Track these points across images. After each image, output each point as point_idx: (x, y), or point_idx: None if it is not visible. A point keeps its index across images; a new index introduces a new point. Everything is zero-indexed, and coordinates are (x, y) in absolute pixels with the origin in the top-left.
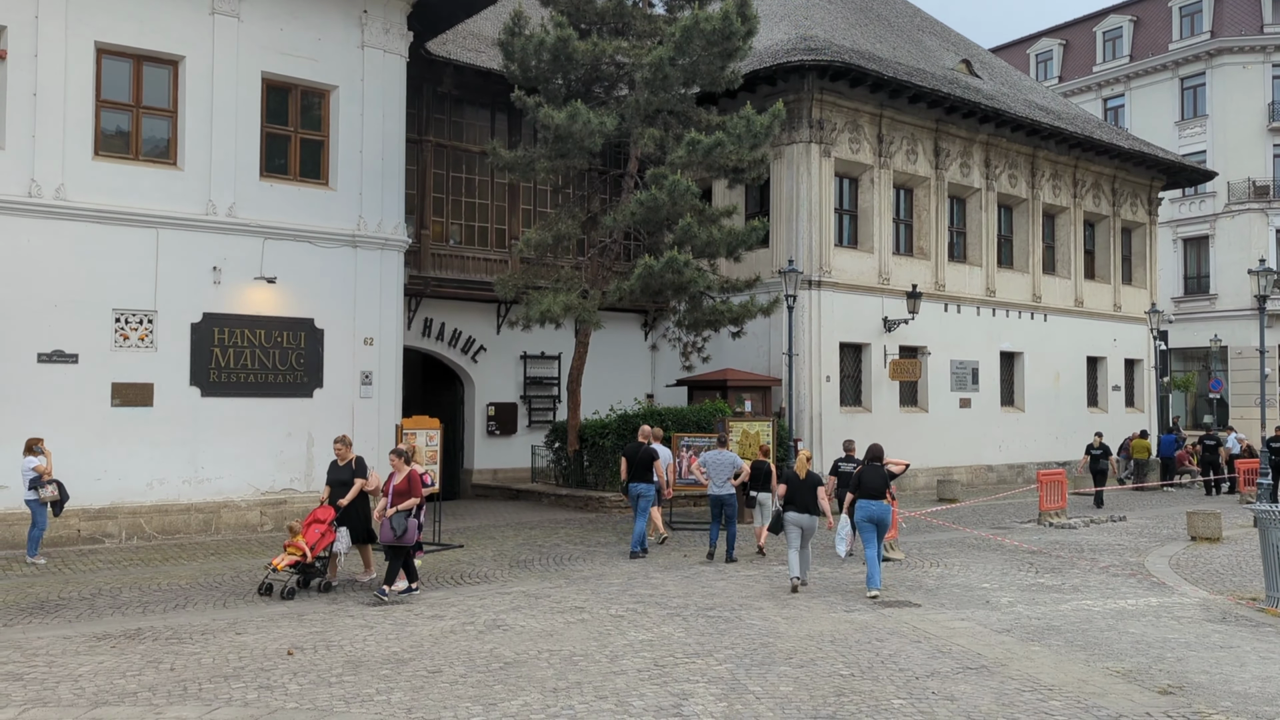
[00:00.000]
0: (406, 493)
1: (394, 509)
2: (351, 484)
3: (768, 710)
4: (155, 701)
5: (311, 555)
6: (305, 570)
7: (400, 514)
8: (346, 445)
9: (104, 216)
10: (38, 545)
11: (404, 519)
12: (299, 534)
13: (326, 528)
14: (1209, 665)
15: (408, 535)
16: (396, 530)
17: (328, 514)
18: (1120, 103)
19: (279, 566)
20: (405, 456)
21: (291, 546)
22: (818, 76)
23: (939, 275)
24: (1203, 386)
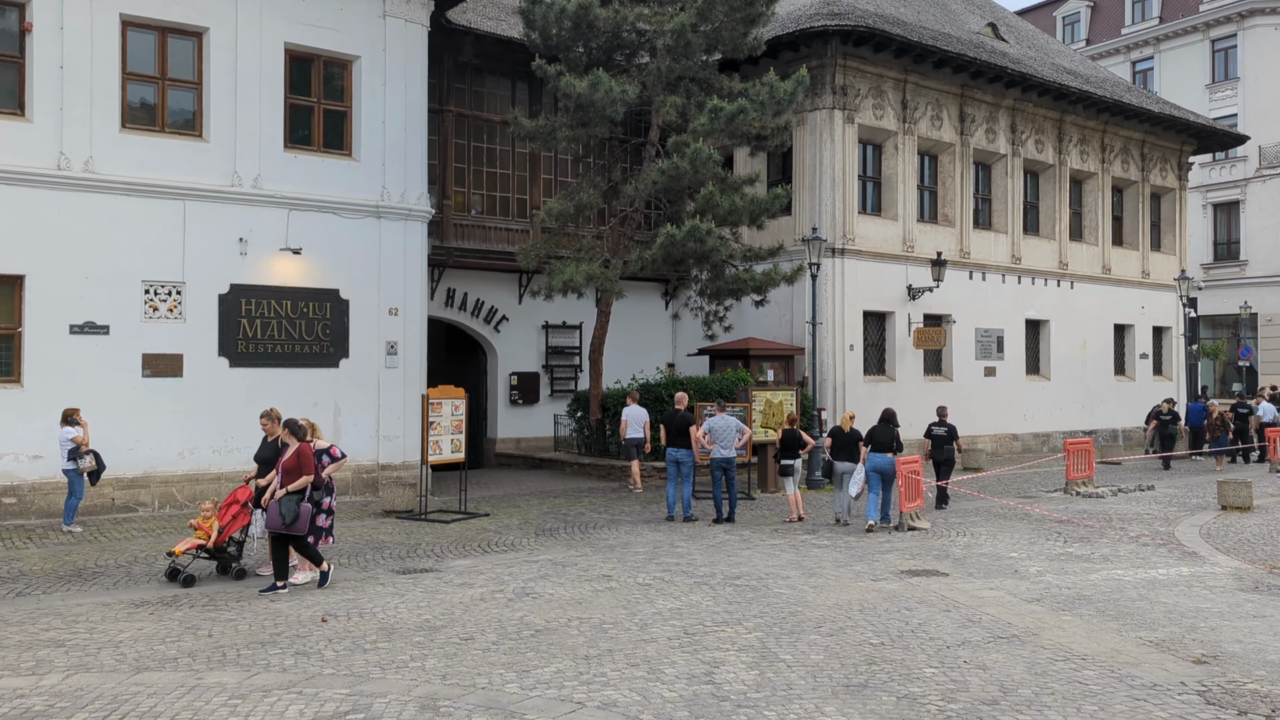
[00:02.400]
0: (296, 471)
1: (283, 490)
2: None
3: (799, 678)
4: (195, 667)
5: (221, 538)
6: (216, 555)
7: (290, 497)
8: (273, 420)
9: (132, 189)
10: (74, 514)
11: (294, 503)
12: (211, 516)
13: (240, 509)
14: (1242, 635)
15: (298, 523)
16: (285, 517)
17: (245, 494)
18: (1149, 65)
19: (178, 552)
20: (295, 427)
21: (199, 530)
22: (841, 42)
23: (964, 243)
24: (1232, 354)
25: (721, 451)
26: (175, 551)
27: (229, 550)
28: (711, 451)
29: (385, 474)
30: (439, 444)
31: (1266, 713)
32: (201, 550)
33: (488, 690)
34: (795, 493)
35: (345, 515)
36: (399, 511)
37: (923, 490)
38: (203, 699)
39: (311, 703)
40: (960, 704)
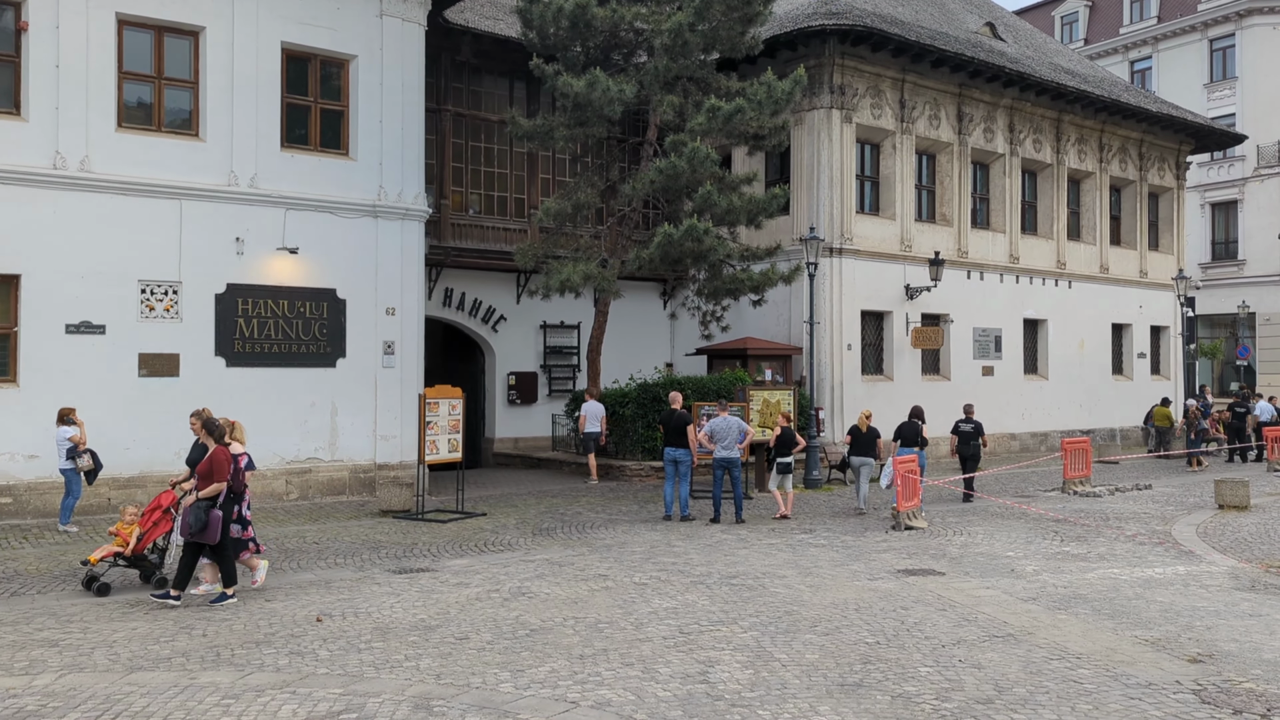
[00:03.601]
0: (208, 476)
1: (193, 496)
2: None
3: (794, 677)
4: (189, 667)
5: (141, 545)
6: (136, 563)
7: (200, 504)
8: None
9: (128, 188)
10: (70, 513)
11: (203, 510)
12: (133, 522)
13: (163, 515)
14: (1238, 634)
15: (206, 532)
16: (192, 525)
17: (169, 499)
18: (1148, 65)
19: (93, 560)
20: (212, 428)
21: (117, 536)
22: (839, 41)
23: (962, 242)
24: (1230, 353)
25: (724, 452)
26: (90, 560)
27: (150, 558)
28: (714, 452)
29: (382, 474)
30: (436, 444)
31: (1262, 711)
32: (119, 558)
33: (482, 690)
34: (790, 491)
35: (342, 515)
36: (396, 511)
37: (920, 489)
38: (196, 699)
39: (305, 702)
40: (955, 703)
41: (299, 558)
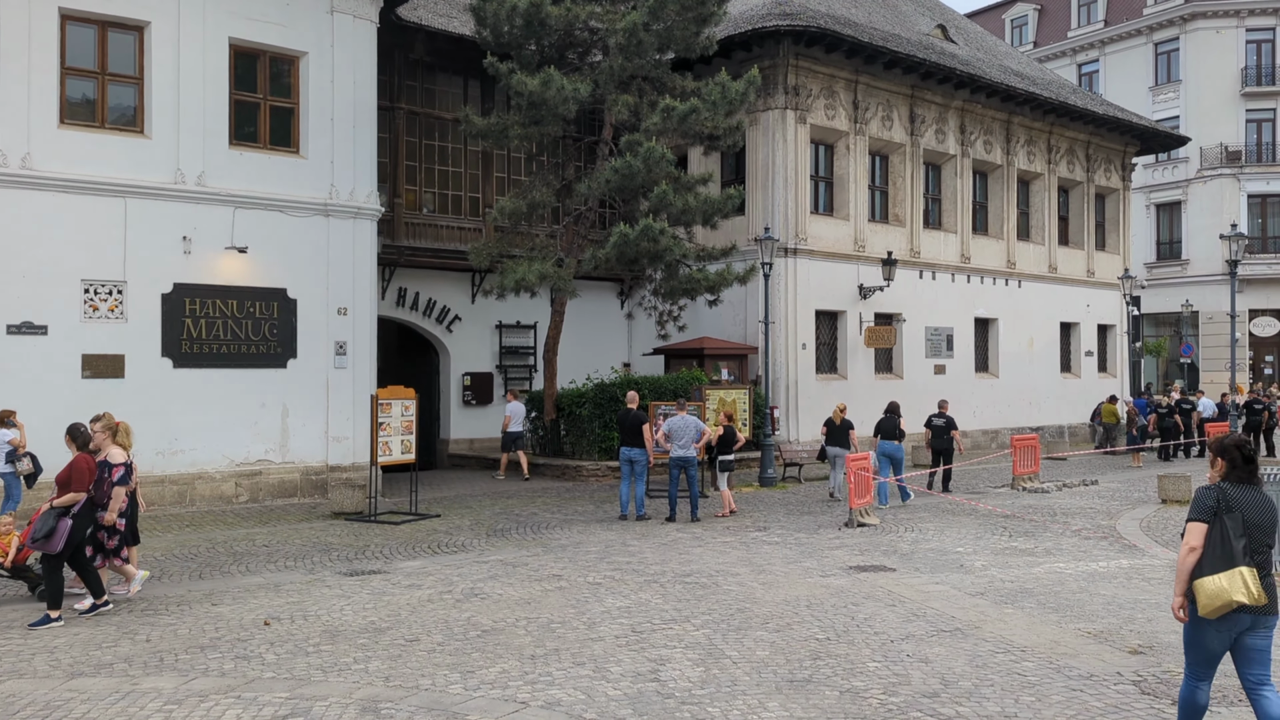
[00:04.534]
0: (66, 484)
1: (47, 504)
2: None
3: (744, 674)
4: (131, 673)
5: (21, 557)
6: (18, 574)
7: (50, 512)
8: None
9: (71, 186)
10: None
11: (51, 518)
12: (9, 533)
13: None
14: (1178, 626)
15: (49, 542)
16: (35, 532)
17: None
18: (1095, 68)
19: None
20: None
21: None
22: (793, 42)
23: (914, 242)
24: (1174, 351)
25: (680, 451)
26: None
27: (33, 570)
28: (670, 451)
29: (334, 475)
30: (389, 445)
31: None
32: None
33: (431, 691)
34: (727, 489)
35: (293, 517)
36: (348, 513)
37: (872, 486)
38: (138, 704)
39: (250, 707)
40: (901, 697)
41: (247, 561)
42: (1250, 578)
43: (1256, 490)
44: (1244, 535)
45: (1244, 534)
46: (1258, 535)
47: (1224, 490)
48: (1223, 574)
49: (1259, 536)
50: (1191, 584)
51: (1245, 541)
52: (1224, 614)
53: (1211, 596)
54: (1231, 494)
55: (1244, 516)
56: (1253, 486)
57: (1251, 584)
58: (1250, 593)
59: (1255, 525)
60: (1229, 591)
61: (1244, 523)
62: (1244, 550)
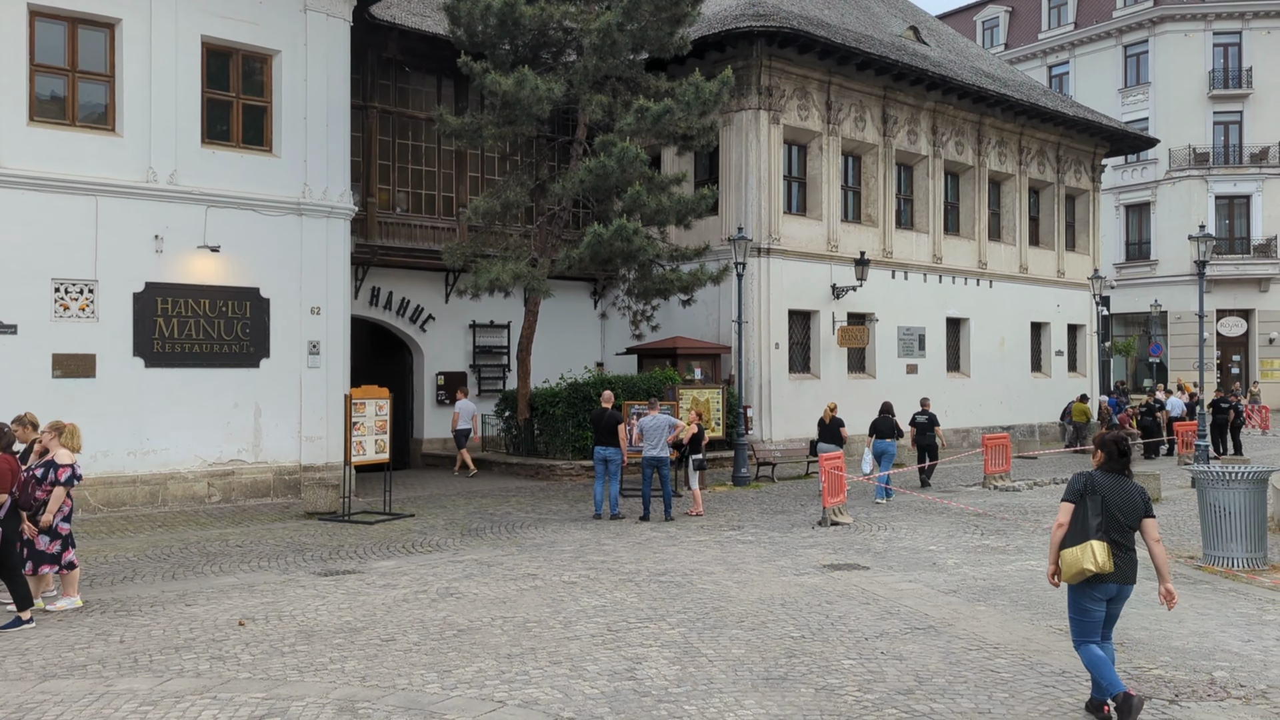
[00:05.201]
0: None
1: None
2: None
3: (720, 672)
4: (105, 674)
5: None
6: None
7: None
8: (26, 426)
9: (41, 184)
10: None
11: None
12: None
13: None
14: (1148, 622)
15: None
16: None
17: None
18: (1065, 70)
19: None
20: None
21: None
22: (766, 43)
23: (887, 242)
24: (1143, 351)
25: (653, 451)
26: None
27: None
28: (643, 450)
29: (308, 475)
30: (363, 444)
31: (1170, 696)
32: None
33: (408, 691)
34: (699, 488)
35: (266, 517)
36: (322, 513)
37: (845, 485)
38: (112, 706)
39: (226, 707)
40: (876, 694)
41: (221, 561)
42: (1099, 549)
43: (1123, 479)
44: (1100, 515)
45: (1100, 514)
46: (1115, 515)
47: (1092, 477)
48: (1077, 546)
49: (1116, 516)
50: (1057, 556)
51: (1100, 520)
52: (1084, 580)
53: (1069, 565)
54: (1098, 480)
55: (1104, 499)
56: (1120, 476)
57: (1099, 555)
58: (1097, 562)
59: (1113, 507)
60: (1081, 561)
61: (1103, 504)
62: (1097, 527)
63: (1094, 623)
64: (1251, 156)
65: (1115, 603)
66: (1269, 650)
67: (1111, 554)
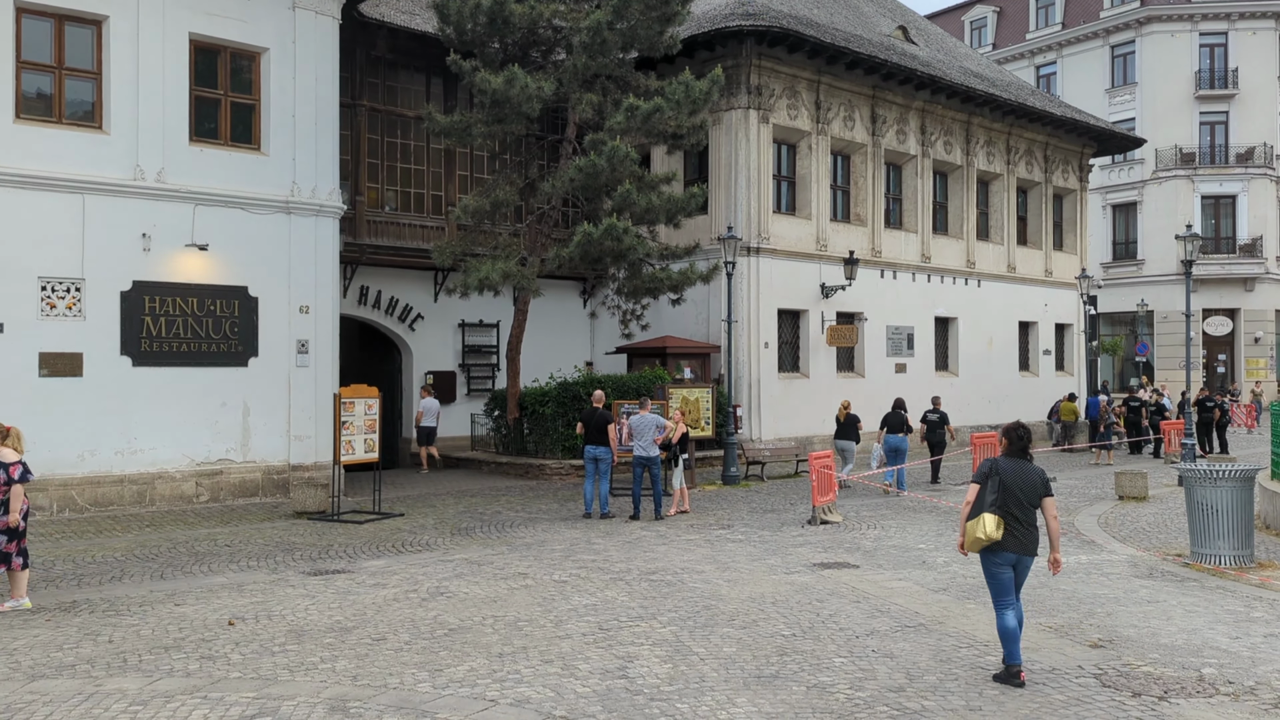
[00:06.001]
0: None
1: None
2: None
3: (712, 670)
4: (94, 674)
5: None
6: None
7: None
8: None
9: (27, 181)
10: None
11: None
12: None
13: None
14: (1137, 619)
15: None
16: None
17: None
18: (1052, 70)
19: None
20: None
21: None
22: (756, 42)
23: (876, 242)
24: (1129, 350)
25: (643, 450)
26: None
27: None
28: (633, 450)
29: (296, 474)
30: (352, 444)
31: (1159, 693)
32: None
33: (399, 690)
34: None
35: (255, 517)
36: (311, 513)
37: (835, 485)
38: (101, 705)
39: (216, 707)
40: (868, 691)
41: (210, 560)
42: (989, 521)
43: (1024, 463)
44: (996, 493)
45: (996, 492)
46: (1015, 494)
47: (995, 462)
48: (974, 519)
49: (1016, 495)
50: (964, 528)
51: (996, 497)
52: (986, 549)
53: (968, 534)
54: (1000, 464)
55: (1002, 481)
56: (1021, 460)
57: (989, 525)
58: (986, 531)
59: (1013, 487)
60: (974, 530)
61: (1001, 485)
62: (992, 503)
63: (1003, 584)
64: (1237, 156)
65: (1019, 570)
66: (1256, 647)
67: (1002, 525)
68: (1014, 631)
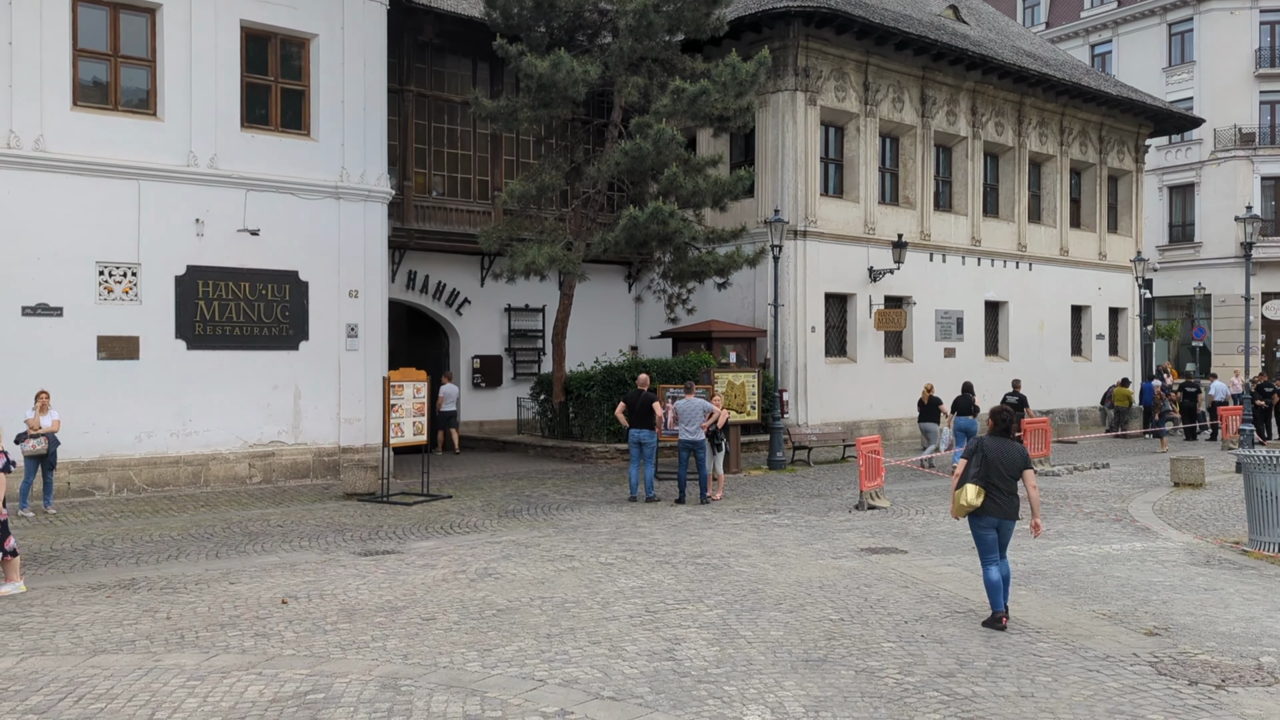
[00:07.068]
0: None
1: None
2: None
3: (759, 654)
4: (153, 649)
5: None
6: None
7: None
8: None
9: (84, 168)
10: (27, 497)
11: None
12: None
13: None
14: (1193, 607)
15: None
16: None
17: None
18: (1108, 49)
19: None
20: None
21: None
22: (803, 23)
23: (924, 225)
24: (1186, 334)
25: (689, 434)
26: None
27: None
28: (679, 434)
29: (346, 456)
30: (400, 426)
31: (1216, 682)
32: None
33: (449, 669)
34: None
35: (306, 498)
36: (361, 494)
37: (882, 470)
38: (160, 680)
39: (271, 683)
40: (918, 676)
41: (263, 540)
42: (972, 491)
43: (1004, 440)
44: (979, 467)
45: (979, 466)
46: (997, 468)
47: (981, 440)
48: (960, 489)
49: (998, 468)
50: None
51: (979, 470)
52: (970, 514)
53: (954, 501)
54: (985, 443)
55: (985, 456)
56: (1004, 439)
57: (970, 494)
58: (968, 499)
59: (995, 462)
60: (959, 499)
61: (984, 460)
62: (975, 475)
63: (988, 544)
64: None
65: (1002, 533)
66: None
67: (982, 494)
68: (997, 584)
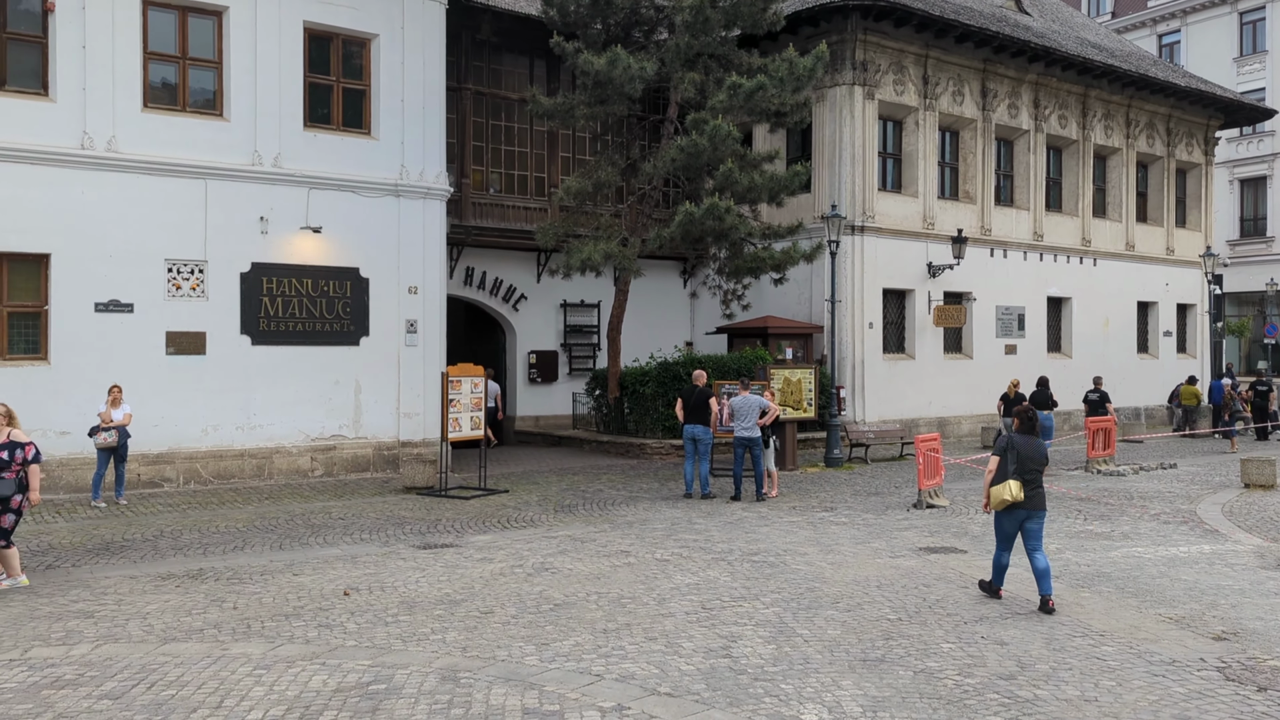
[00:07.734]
0: None
1: None
2: None
3: (816, 653)
4: (221, 638)
5: None
6: None
7: None
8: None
9: (154, 168)
10: (99, 488)
11: None
12: None
13: None
14: (1264, 612)
15: None
16: None
17: None
18: (1176, 39)
19: None
20: None
21: None
22: (861, 16)
23: (985, 219)
24: (1257, 332)
25: (744, 431)
26: None
27: None
28: (734, 430)
29: (406, 451)
30: (459, 421)
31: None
32: None
33: (507, 662)
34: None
35: (366, 491)
36: (419, 488)
37: (941, 468)
38: (228, 669)
39: (335, 673)
40: (977, 678)
41: (325, 533)
42: (1014, 486)
43: (1030, 438)
44: (1016, 463)
45: (1016, 463)
46: (1027, 464)
47: (1011, 438)
48: (1000, 485)
49: (1027, 464)
50: (988, 492)
51: (1015, 467)
52: (1003, 509)
53: (994, 496)
54: (1015, 440)
55: (1018, 453)
56: (1029, 436)
57: (1014, 489)
58: (1013, 493)
59: (1025, 457)
60: (1002, 493)
61: (1018, 456)
62: (1014, 472)
63: (1007, 536)
64: None
65: (1030, 522)
66: None
67: (1023, 489)
68: (1004, 568)
